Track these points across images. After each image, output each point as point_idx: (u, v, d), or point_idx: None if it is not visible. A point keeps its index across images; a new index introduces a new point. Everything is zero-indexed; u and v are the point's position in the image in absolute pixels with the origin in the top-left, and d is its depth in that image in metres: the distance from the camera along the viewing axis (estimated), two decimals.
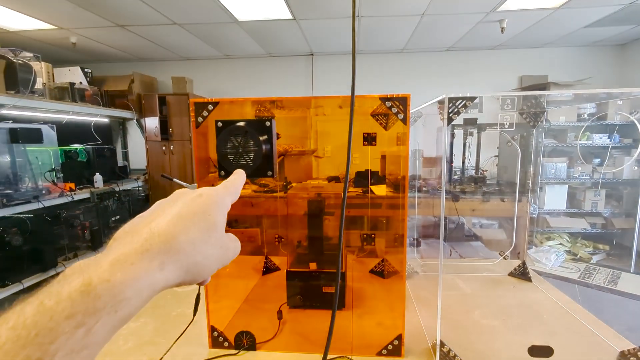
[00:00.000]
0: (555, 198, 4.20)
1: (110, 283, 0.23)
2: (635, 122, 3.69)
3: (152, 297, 0.27)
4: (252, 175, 0.94)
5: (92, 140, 3.88)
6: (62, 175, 3.16)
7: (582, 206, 4.18)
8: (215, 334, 1.01)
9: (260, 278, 1.49)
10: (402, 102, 0.87)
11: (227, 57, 4.63)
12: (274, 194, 1.88)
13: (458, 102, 0.85)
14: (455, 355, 0.92)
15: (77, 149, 3.50)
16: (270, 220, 1.74)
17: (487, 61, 4.50)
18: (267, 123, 0.90)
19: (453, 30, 3.73)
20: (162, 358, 0.92)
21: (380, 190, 1.94)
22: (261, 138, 0.88)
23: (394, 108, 0.87)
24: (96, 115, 3.82)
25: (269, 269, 1.54)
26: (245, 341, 1.00)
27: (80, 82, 3.67)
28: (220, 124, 0.94)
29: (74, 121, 3.67)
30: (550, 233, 4.29)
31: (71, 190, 3.10)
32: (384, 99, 0.87)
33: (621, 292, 3.38)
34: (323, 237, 1.26)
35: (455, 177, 3.12)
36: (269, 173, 0.95)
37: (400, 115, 0.87)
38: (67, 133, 3.52)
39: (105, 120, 4.36)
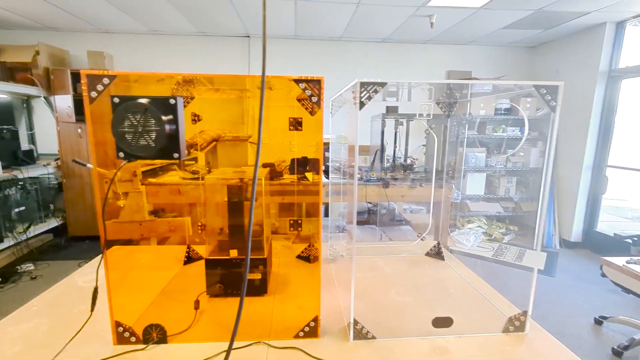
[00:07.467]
0: (475, 185, 4.63)
1: None
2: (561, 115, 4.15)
3: None
4: (156, 156, 0.87)
5: None
6: None
7: (497, 192, 4.67)
8: (121, 329, 0.93)
9: (181, 268, 1.41)
10: (317, 84, 0.86)
11: (154, 33, 4.26)
12: (196, 181, 1.79)
13: (370, 87, 0.86)
14: (367, 332, 0.96)
15: None
16: (197, 208, 1.66)
17: (419, 54, 4.73)
18: (172, 101, 0.83)
19: (387, 21, 3.84)
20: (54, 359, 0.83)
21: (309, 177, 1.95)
22: (164, 117, 0.82)
23: (308, 90, 0.86)
24: None
25: (191, 258, 1.47)
26: (155, 334, 0.94)
27: None
28: (116, 99, 0.86)
29: None
30: (470, 216, 4.72)
31: None
32: (298, 81, 0.85)
33: (525, 267, 3.86)
34: (244, 223, 1.23)
35: (386, 164, 3.26)
36: (175, 155, 0.89)
37: (315, 98, 0.86)
38: None
39: (4, 96, 3.77)
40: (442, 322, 0.98)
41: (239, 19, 3.79)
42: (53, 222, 3.86)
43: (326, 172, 3.00)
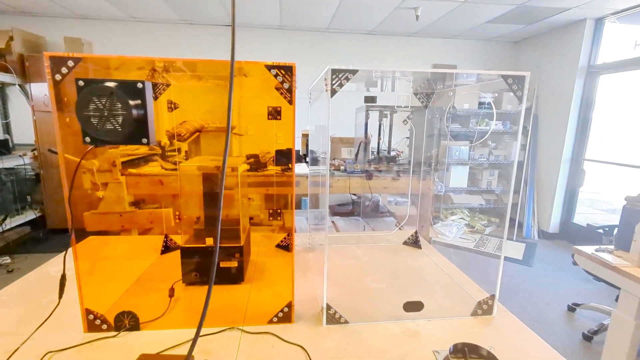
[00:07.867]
0: (458, 177, 4.71)
1: None
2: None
3: None
4: (124, 141, 0.86)
5: None
6: None
7: (479, 184, 4.75)
8: (91, 316, 0.92)
9: (157, 257, 1.40)
10: (289, 71, 0.86)
11: (135, 20, 4.14)
12: (176, 172, 1.77)
13: (341, 75, 0.86)
14: (340, 317, 0.98)
15: None
16: (179, 198, 1.65)
17: (405, 47, 4.75)
18: (139, 85, 0.82)
19: (373, 13, 3.83)
20: (18, 348, 0.82)
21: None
22: (132, 102, 0.81)
23: (280, 77, 0.85)
24: None
25: (169, 247, 1.46)
26: (127, 321, 0.94)
27: None
28: (82, 82, 0.84)
29: None
30: (453, 208, 4.81)
31: None
32: (270, 67, 0.85)
33: (493, 255, 3.97)
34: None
35: (371, 156, 3.28)
36: (144, 140, 0.88)
37: (286, 85, 0.86)
38: None
39: None
40: (413, 307, 1.01)
41: (223, 7, 3.72)
42: (31, 215, 3.76)
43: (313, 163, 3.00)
